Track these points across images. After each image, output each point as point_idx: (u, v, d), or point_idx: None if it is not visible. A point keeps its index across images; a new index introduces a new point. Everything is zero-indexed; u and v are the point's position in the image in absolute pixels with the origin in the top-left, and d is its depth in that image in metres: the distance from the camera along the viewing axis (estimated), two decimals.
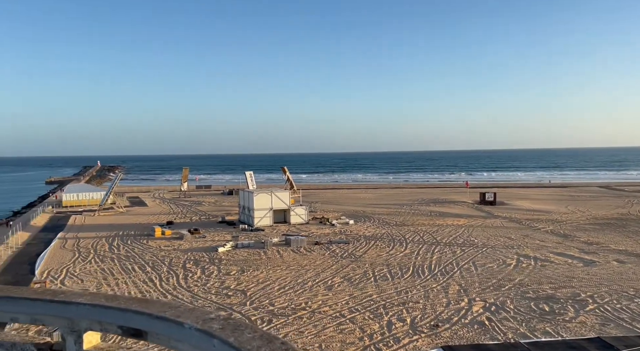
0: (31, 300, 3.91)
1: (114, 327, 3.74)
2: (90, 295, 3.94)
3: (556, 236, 65.54)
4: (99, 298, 3.88)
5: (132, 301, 3.80)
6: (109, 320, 3.72)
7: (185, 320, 3.33)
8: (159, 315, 3.45)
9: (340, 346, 29.44)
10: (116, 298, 3.90)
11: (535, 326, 31.88)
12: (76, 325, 3.79)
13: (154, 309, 3.54)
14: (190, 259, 53.84)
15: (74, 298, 3.83)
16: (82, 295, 3.94)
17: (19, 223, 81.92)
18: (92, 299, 3.84)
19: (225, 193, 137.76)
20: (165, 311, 3.49)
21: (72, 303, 3.77)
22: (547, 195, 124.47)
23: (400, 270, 47.25)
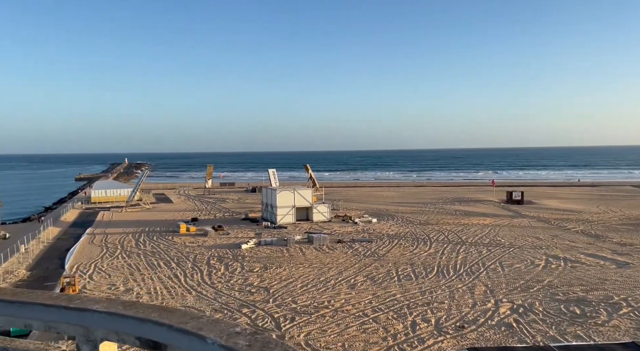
0: (44, 306, 3.67)
1: (132, 338, 3.47)
2: (107, 302, 3.68)
3: (587, 236, 63.49)
4: (116, 305, 3.62)
5: (152, 309, 3.52)
6: (126, 330, 3.46)
7: (208, 333, 3.07)
8: (179, 327, 3.18)
9: (363, 346, 29.11)
10: (134, 306, 3.61)
11: (566, 329, 30.85)
12: (92, 334, 3.55)
13: (174, 319, 3.27)
14: (214, 255, 54.31)
15: (90, 305, 3.57)
16: (98, 301, 3.72)
17: (50, 218, 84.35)
18: (109, 306, 3.57)
19: (248, 190, 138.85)
20: (187, 322, 3.23)
21: (87, 310, 3.53)
22: (577, 194, 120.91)
23: (424, 270, 46.55)
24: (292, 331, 31.62)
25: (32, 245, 61.57)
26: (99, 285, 43.37)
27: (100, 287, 42.75)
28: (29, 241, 62.95)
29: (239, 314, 34.95)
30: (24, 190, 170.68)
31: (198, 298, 38.86)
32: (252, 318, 34.13)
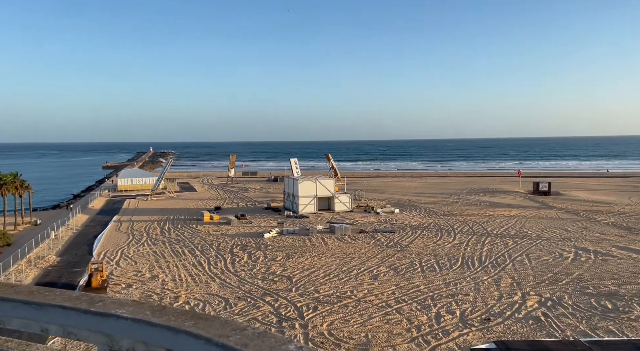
0: (63, 309, 3.17)
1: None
2: (133, 306, 3.13)
3: (618, 228, 61.48)
4: (144, 310, 3.08)
5: (185, 316, 3.01)
6: (155, 341, 2.95)
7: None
8: (220, 342, 2.65)
9: (387, 336, 28.86)
10: (164, 312, 3.08)
11: (597, 324, 29.93)
12: (116, 343, 3.05)
13: (213, 331, 2.75)
14: (238, 244, 54.71)
15: (114, 309, 3.09)
16: (123, 304, 3.13)
17: (79, 205, 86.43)
18: (136, 311, 3.07)
19: (270, 180, 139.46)
20: (228, 335, 2.69)
21: (111, 315, 3.04)
22: (607, 185, 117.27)
23: (448, 261, 45.87)
24: (315, 320, 31.58)
25: (61, 231, 63.19)
26: (126, 272, 44.21)
27: (126, 273, 43.58)
28: (58, 227, 64.62)
29: (262, 302, 35.11)
30: (53, 178, 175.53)
31: (222, 286, 39.21)
32: (275, 306, 34.24)
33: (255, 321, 31.65)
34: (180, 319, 2.89)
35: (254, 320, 31.70)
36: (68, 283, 40.80)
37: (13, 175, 71.04)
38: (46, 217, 76.88)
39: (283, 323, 31.22)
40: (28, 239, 55.82)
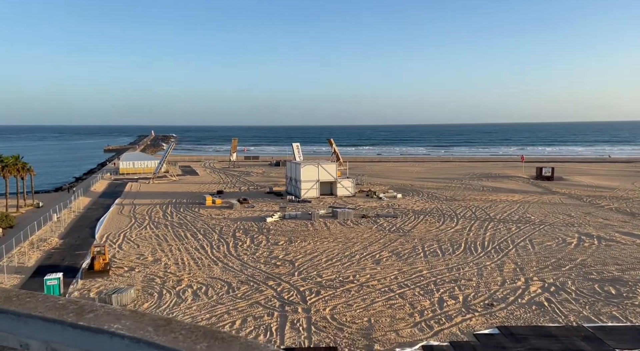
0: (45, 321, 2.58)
1: None
2: (131, 318, 2.51)
3: (622, 214, 61.22)
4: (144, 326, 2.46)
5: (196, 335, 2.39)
6: None
7: None
8: None
9: (389, 321, 28.85)
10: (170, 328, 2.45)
11: (600, 309, 29.86)
12: None
13: None
14: (240, 228, 54.66)
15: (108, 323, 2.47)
16: (119, 316, 2.52)
17: (81, 188, 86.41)
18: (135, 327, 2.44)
19: (272, 164, 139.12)
20: None
21: (103, 331, 2.43)
22: (610, 171, 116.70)
23: (451, 246, 45.76)
24: (318, 304, 31.58)
25: (64, 214, 63.22)
26: (128, 255, 44.24)
27: (129, 257, 43.62)
28: (61, 210, 64.63)
29: (264, 286, 35.11)
30: (55, 161, 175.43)
31: (224, 270, 39.22)
32: (278, 290, 34.24)
33: (258, 305, 31.67)
34: (190, 338, 2.30)
35: (257, 304, 31.73)
36: (71, 266, 40.87)
37: (14, 157, 70.81)
38: (48, 200, 76.89)
39: (286, 307, 31.23)
40: (30, 222, 55.86)
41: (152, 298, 33.18)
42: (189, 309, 31.10)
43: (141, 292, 34.25)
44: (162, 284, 35.84)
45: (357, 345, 25.76)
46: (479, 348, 25.02)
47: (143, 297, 33.25)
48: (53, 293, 33.09)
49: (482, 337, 26.26)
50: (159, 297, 33.26)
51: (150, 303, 32.12)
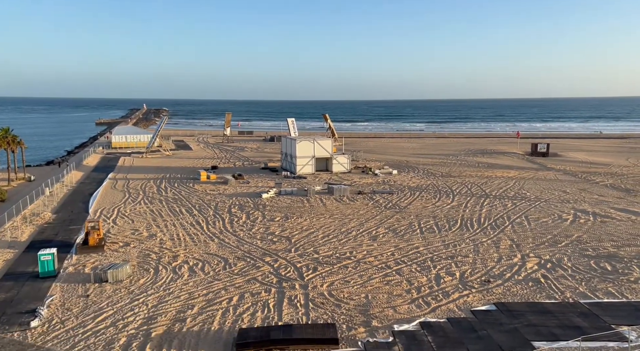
0: None
1: None
2: None
3: (617, 190, 61.45)
4: None
5: None
6: None
7: None
8: None
9: (387, 298, 28.86)
10: None
11: (597, 286, 30.04)
12: None
13: None
14: (235, 204, 54.26)
15: None
16: None
17: (73, 162, 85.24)
18: None
19: (266, 139, 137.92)
20: None
21: None
22: (604, 147, 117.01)
23: (447, 223, 45.75)
24: (315, 281, 31.52)
25: (56, 188, 62.42)
26: (123, 230, 43.83)
27: (123, 232, 43.22)
28: (53, 184, 63.79)
29: (261, 262, 34.96)
30: (45, 134, 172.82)
31: (220, 246, 38.98)
32: (275, 267, 34.12)
33: (255, 281, 31.55)
34: None
35: (254, 280, 31.61)
36: (65, 241, 40.44)
37: (4, 130, 69.37)
38: (40, 173, 75.87)
39: (283, 283, 31.14)
40: (22, 196, 55.09)
41: (148, 273, 32.94)
42: (186, 285, 30.91)
43: (137, 268, 33.99)
44: (158, 260, 35.58)
45: (355, 322, 25.77)
46: (476, 324, 25.11)
47: (139, 273, 33.01)
48: (47, 268, 32.74)
49: (479, 313, 26.36)
50: (155, 273, 33.02)
51: (146, 279, 31.89)
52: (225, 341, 23.64)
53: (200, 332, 24.65)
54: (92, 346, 23.36)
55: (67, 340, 23.96)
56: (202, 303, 28.26)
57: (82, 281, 31.80)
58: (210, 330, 24.86)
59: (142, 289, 30.30)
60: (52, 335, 24.48)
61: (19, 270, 33.91)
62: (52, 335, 24.54)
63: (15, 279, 32.24)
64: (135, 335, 24.40)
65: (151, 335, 24.38)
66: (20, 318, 26.41)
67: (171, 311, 27.21)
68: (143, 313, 26.94)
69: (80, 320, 26.17)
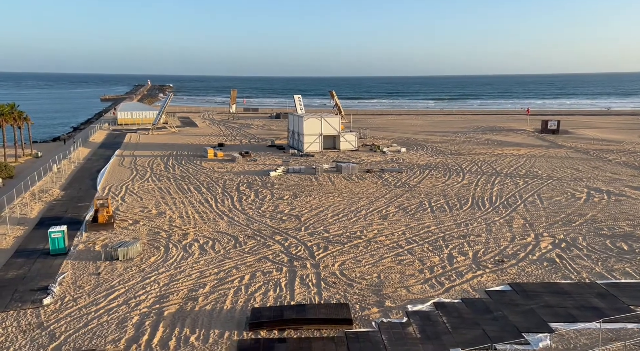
0: None
1: None
2: None
3: (630, 168, 60.47)
4: None
5: None
6: None
7: None
8: None
9: (399, 277, 28.58)
10: None
11: (613, 266, 29.59)
12: None
13: None
14: (244, 182, 53.86)
15: None
16: None
17: (79, 139, 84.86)
18: None
19: (272, 117, 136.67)
20: None
21: None
22: (614, 123, 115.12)
23: (458, 201, 45.20)
24: (326, 260, 31.26)
25: (63, 165, 62.23)
26: (132, 207, 43.64)
27: (132, 209, 43.03)
28: (60, 160, 63.58)
29: (271, 241, 34.72)
30: (49, 110, 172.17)
31: (230, 224, 38.73)
32: (285, 245, 33.87)
33: (266, 260, 31.34)
34: None
35: (265, 259, 31.41)
36: (74, 218, 40.32)
37: (10, 106, 68.82)
38: (46, 150, 75.66)
39: (294, 262, 30.92)
40: (30, 172, 54.95)
41: (159, 251, 32.81)
42: (197, 263, 30.76)
43: (147, 246, 33.86)
44: (168, 238, 35.43)
45: (368, 302, 25.55)
46: (491, 305, 24.82)
47: (149, 251, 32.88)
48: (57, 245, 32.66)
49: (494, 294, 26.06)
50: (165, 251, 32.88)
51: (157, 257, 31.76)
52: (239, 321, 23.52)
53: (212, 311, 24.53)
54: (105, 324, 23.33)
55: (80, 318, 23.93)
56: (214, 281, 28.11)
57: (93, 258, 31.72)
58: (223, 309, 24.73)
59: (153, 267, 30.19)
60: (65, 313, 24.46)
61: (29, 247, 33.88)
62: (65, 312, 24.51)
63: (27, 256, 32.22)
64: (148, 314, 24.32)
65: (164, 314, 24.30)
66: (33, 295, 26.39)
67: (183, 289, 27.10)
68: (155, 291, 26.85)
69: (93, 297, 26.13)
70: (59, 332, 22.60)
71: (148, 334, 22.36)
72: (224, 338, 21.99)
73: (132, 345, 21.51)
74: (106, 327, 23.04)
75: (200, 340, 21.89)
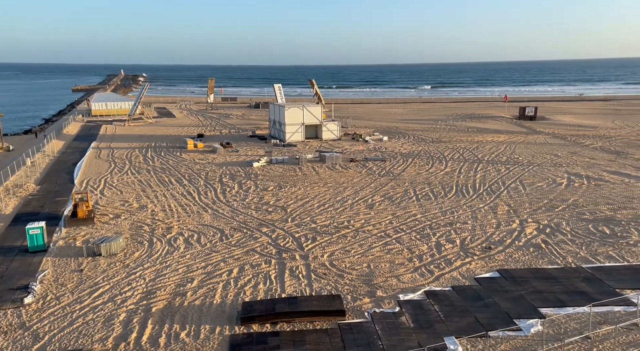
0: None
1: None
2: None
3: (607, 153, 61.92)
4: None
5: None
6: None
7: None
8: None
9: (389, 266, 28.56)
10: None
11: (597, 250, 30.21)
12: None
13: None
14: (226, 173, 53.00)
15: None
16: None
17: (52, 131, 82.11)
18: None
19: (251, 106, 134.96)
20: None
21: None
22: (590, 109, 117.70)
23: (442, 189, 45.46)
24: (315, 251, 31.01)
25: (38, 158, 60.12)
26: (112, 201, 42.46)
27: (113, 203, 41.87)
28: (34, 154, 61.41)
29: (258, 233, 34.25)
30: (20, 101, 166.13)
31: (215, 217, 38.06)
32: (273, 237, 33.45)
33: (254, 252, 30.90)
34: None
35: (253, 251, 30.96)
36: (52, 214, 38.97)
37: None
38: (18, 143, 72.99)
39: (283, 254, 30.56)
40: (2, 167, 52.90)
41: (142, 246, 31.99)
42: (183, 258, 30.10)
43: (130, 240, 32.97)
44: (152, 232, 34.58)
45: (359, 292, 25.44)
46: (481, 292, 25.03)
47: (133, 246, 32.03)
48: (36, 242, 31.49)
49: (484, 281, 26.28)
50: (149, 245, 32.09)
51: (141, 252, 30.96)
52: (229, 315, 23.10)
53: (202, 306, 24.04)
54: (91, 322, 22.60)
55: (64, 317, 23.13)
56: (202, 276, 27.56)
57: (74, 255, 30.72)
58: (213, 304, 24.26)
59: (137, 262, 29.41)
60: (48, 312, 23.61)
61: (6, 244, 32.61)
62: (48, 311, 23.66)
63: (4, 254, 30.99)
64: (135, 311, 23.68)
65: (152, 310, 23.69)
66: (13, 294, 25.39)
67: (170, 284, 26.48)
68: (141, 287, 26.16)
69: (76, 295, 25.29)
70: (42, 332, 21.80)
71: (136, 331, 21.77)
72: (216, 333, 21.57)
73: (121, 343, 20.90)
74: (92, 326, 22.32)
75: (191, 336, 21.41)
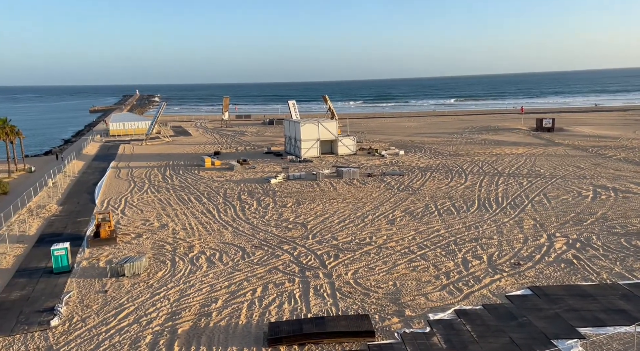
0: None
1: None
2: None
3: (631, 164, 60.53)
4: None
5: None
6: None
7: None
8: None
9: (416, 284, 27.90)
10: None
11: (632, 265, 29.16)
12: None
13: None
14: (244, 190, 52.97)
15: None
16: None
17: (72, 151, 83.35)
18: None
19: (265, 123, 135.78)
20: None
21: None
22: (608, 120, 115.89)
23: (464, 203, 44.72)
24: (339, 269, 30.50)
25: (59, 179, 60.87)
26: (133, 221, 42.57)
27: (134, 223, 41.97)
28: (55, 175, 62.21)
29: (280, 251, 33.90)
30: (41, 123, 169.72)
31: (235, 234, 37.84)
32: (295, 255, 33.06)
33: (277, 270, 30.51)
34: None
35: (276, 270, 30.57)
36: (74, 234, 39.16)
37: (2, 120, 67.27)
38: (39, 164, 74.16)
39: (306, 272, 30.12)
40: (25, 188, 53.60)
41: (165, 266, 31.84)
42: (206, 277, 29.83)
43: (153, 260, 32.87)
44: (174, 251, 34.46)
45: (387, 311, 24.82)
46: (514, 310, 24.23)
47: (156, 265, 31.90)
48: (61, 263, 31.55)
49: (515, 299, 25.47)
50: (172, 265, 31.92)
51: (164, 272, 30.80)
52: (256, 336, 22.66)
53: (228, 327, 23.65)
54: (118, 345, 22.35)
55: (91, 339, 22.93)
56: (226, 295, 27.22)
57: (98, 275, 30.68)
58: (238, 324, 23.87)
59: (161, 282, 29.23)
60: (74, 334, 23.44)
61: (31, 266, 32.74)
62: (74, 334, 23.49)
63: (29, 275, 31.09)
64: (161, 332, 23.39)
65: (177, 332, 23.38)
66: (39, 317, 25.32)
67: (195, 305, 26.18)
68: (166, 308, 25.90)
69: (102, 317, 25.12)
70: None
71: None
72: None
73: None
74: (119, 348, 22.07)
75: None
